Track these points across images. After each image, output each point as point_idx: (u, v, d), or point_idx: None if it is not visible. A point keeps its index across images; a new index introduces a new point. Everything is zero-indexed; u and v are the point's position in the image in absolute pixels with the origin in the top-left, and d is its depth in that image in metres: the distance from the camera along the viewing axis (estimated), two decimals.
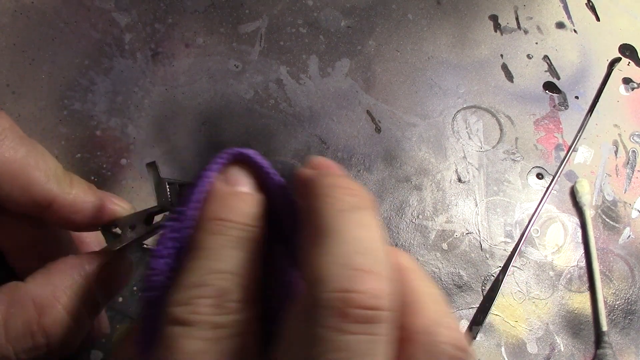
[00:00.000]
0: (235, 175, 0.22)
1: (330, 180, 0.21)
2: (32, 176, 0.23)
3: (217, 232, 0.21)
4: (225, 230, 0.21)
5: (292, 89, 0.54)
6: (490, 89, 0.58)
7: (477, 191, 0.53)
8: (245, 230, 0.21)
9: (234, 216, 0.21)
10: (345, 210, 0.20)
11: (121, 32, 0.53)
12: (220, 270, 0.20)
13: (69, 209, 0.24)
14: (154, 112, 0.51)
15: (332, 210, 0.20)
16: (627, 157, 0.57)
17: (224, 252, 0.20)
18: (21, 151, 0.23)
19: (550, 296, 0.50)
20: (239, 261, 0.20)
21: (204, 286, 0.19)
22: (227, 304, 0.19)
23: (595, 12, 0.63)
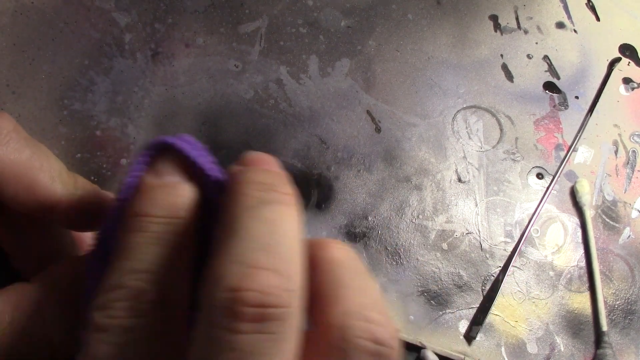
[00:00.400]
0: (162, 166, 0.21)
1: (247, 176, 0.21)
2: (37, 178, 0.23)
3: (135, 229, 0.20)
4: (144, 227, 0.20)
5: (292, 89, 0.54)
6: (490, 89, 0.58)
7: (477, 191, 0.53)
8: (167, 224, 0.20)
9: (154, 210, 0.20)
10: (251, 206, 0.19)
11: (121, 32, 0.53)
12: (135, 270, 0.19)
13: (74, 210, 0.24)
14: (154, 112, 0.51)
15: (239, 208, 0.19)
16: (627, 157, 0.57)
17: (141, 250, 0.19)
18: (26, 153, 0.23)
19: (550, 296, 0.50)
20: (157, 259, 0.19)
21: (119, 288, 0.18)
22: (141, 305, 0.18)
23: (595, 12, 0.63)
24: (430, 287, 0.49)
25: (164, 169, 0.21)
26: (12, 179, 0.23)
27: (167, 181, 0.21)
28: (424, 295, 0.48)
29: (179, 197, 0.21)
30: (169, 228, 0.20)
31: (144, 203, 0.20)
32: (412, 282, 0.49)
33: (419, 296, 0.48)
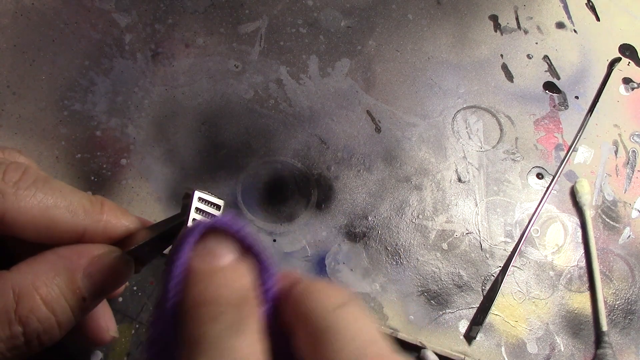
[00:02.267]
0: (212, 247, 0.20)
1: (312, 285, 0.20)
2: (54, 217, 0.23)
3: (210, 319, 0.18)
4: (219, 316, 0.18)
5: (292, 89, 0.54)
6: (490, 89, 0.58)
7: (477, 191, 0.53)
8: (241, 308, 0.19)
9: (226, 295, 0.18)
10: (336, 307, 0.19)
11: (121, 32, 0.53)
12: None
13: (101, 236, 0.24)
14: (154, 112, 0.51)
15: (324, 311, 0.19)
16: (627, 157, 0.57)
17: (225, 343, 0.18)
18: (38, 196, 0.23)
19: (550, 296, 0.50)
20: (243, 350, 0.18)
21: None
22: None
23: (595, 12, 0.63)
24: (430, 287, 0.49)
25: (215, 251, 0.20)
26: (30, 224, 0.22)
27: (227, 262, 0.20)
28: (424, 295, 0.48)
29: (242, 279, 0.19)
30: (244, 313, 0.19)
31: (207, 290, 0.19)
32: (412, 282, 0.49)
33: (419, 296, 0.48)
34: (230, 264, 0.20)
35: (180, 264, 0.19)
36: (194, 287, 0.19)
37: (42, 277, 0.21)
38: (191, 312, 0.19)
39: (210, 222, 0.20)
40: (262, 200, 0.49)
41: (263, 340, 0.19)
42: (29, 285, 0.21)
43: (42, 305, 0.21)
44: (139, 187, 0.48)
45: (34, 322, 0.21)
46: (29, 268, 0.21)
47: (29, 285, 0.21)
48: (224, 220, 0.20)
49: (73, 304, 0.22)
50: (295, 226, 0.49)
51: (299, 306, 0.20)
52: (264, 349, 0.19)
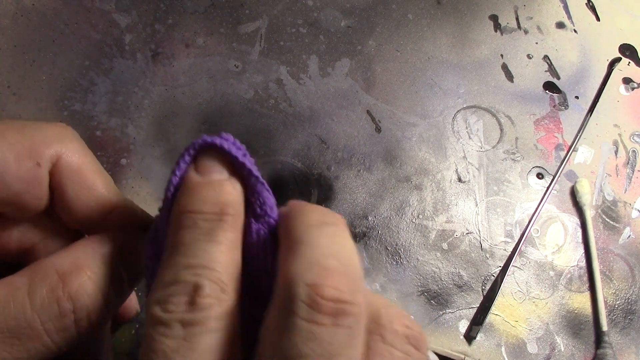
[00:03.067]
0: (206, 163, 0.22)
1: (303, 205, 0.22)
2: (97, 180, 0.24)
3: (188, 225, 0.20)
4: (196, 223, 0.20)
5: (292, 88, 0.54)
6: (491, 88, 0.58)
7: (477, 191, 0.53)
8: (218, 220, 0.21)
9: (204, 207, 0.21)
10: (314, 225, 0.21)
11: (121, 32, 0.53)
12: (191, 265, 0.20)
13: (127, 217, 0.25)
14: (154, 112, 0.51)
15: (303, 225, 0.21)
16: (627, 157, 0.57)
17: (196, 245, 0.20)
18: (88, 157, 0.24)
19: (550, 296, 0.50)
20: (211, 254, 0.20)
21: (177, 283, 0.19)
22: (200, 299, 0.19)
23: (595, 12, 0.63)
24: (430, 287, 0.49)
25: (210, 167, 0.22)
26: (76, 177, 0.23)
27: (214, 178, 0.22)
28: (424, 295, 0.48)
29: (226, 194, 0.21)
30: (220, 224, 0.21)
31: (193, 200, 0.21)
32: (412, 281, 0.49)
33: (419, 296, 0.48)
34: (218, 180, 0.22)
35: (175, 175, 0.22)
36: (182, 197, 0.21)
37: (83, 260, 0.22)
38: (175, 219, 0.21)
39: (209, 139, 0.22)
40: None
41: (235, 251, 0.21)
42: (73, 265, 0.21)
43: (90, 282, 0.21)
44: (139, 187, 0.48)
45: (84, 298, 0.21)
46: (68, 254, 0.22)
47: (73, 265, 0.21)
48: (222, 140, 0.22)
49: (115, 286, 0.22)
50: None
51: (285, 221, 0.22)
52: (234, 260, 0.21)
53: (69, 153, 0.24)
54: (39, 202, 0.24)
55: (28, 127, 0.23)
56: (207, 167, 0.22)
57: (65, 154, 0.23)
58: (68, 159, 0.23)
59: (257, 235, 0.22)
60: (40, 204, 0.24)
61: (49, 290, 0.21)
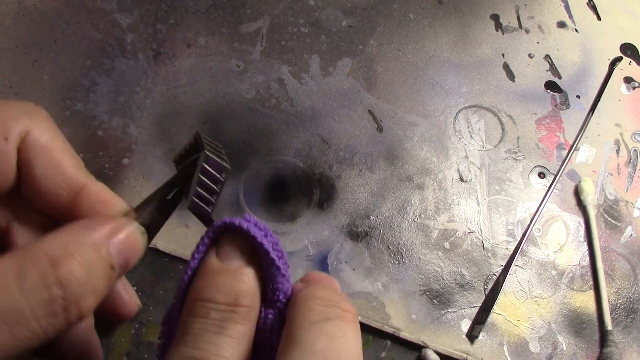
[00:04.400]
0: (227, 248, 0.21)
1: (313, 291, 0.21)
2: (65, 161, 0.24)
3: (199, 314, 0.20)
4: (208, 313, 0.20)
5: (293, 88, 0.54)
6: (492, 88, 0.58)
7: (479, 190, 0.53)
8: (230, 311, 0.20)
9: (219, 296, 0.20)
10: (317, 321, 0.20)
11: (123, 32, 0.53)
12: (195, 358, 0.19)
13: (96, 198, 0.24)
14: (155, 112, 0.51)
15: (304, 321, 0.20)
16: (629, 156, 0.57)
17: (204, 337, 0.19)
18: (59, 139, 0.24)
19: (552, 295, 0.50)
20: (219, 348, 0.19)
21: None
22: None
23: (596, 11, 0.63)
24: (432, 286, 0.49)
25: (230, 252, 0.21)
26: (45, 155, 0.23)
27: (231, 266, 0.21)
28: (426, 295, 0.48)
29: (242, 284, 0.20)
30: (232, 317, 0.20)
31: (208, 287, 0.20)
32: (414, 281, 0.49)
33: (421, 295, 0.48)
34: (236, 268, 0.21)
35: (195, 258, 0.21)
36: (198, 282, 0.20)
37: (73, 245, 0.21)
38: (188, 304, 0.20)
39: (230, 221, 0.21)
40: (264, 200, 0.49)
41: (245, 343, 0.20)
42: (64, 250, 0.21)
43: (80, 268, 0.21)
44: (141, 186, 0.48)
45: (74, 284, 0.20)
46: (56, 238, 0.21)
47: (64, 250, 0.21)
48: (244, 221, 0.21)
49: (105, 272, 0.22)
50: (297, 226, 0.49)
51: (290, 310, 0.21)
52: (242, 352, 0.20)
53: (38, 130, 0.23)
54: (5, 177, 0.23)
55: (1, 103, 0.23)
56: (227, 253, 0.21)
57: (34, 130, 0.23)
58: (37, 136, 0.23)
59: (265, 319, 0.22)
60: (6, 180, 0.23)
61: (39, 275, 0.20)
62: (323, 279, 0.22)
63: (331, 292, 0.21)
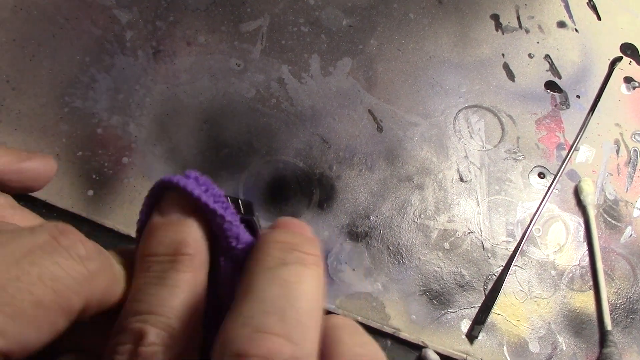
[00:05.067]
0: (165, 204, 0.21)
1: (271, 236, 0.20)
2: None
3: (142, 270, 0.20)
4: (149, 267, 0.20)
5: (293, 88, 0.54)
6: (492, 88, 0.58)
7: (478, 190, 0.53)
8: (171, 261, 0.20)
9: (159, 248, 0.20)
10: (271, 267, 0.19)
11: (122, 29, 0.53)
12: (138, 312, 0.19)
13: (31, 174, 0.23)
14: (155, 110, 0.50)
15: (258, 268, 0.19)
16: (629, 156, 0.57)
17: (145, 290, 0.19)
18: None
19: (552, 295, 0.50)
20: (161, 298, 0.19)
21: (123, 331, 0.18)
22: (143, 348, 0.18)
23: (596, 11, 0.63)
24: (432, 287, 0.49)
25: (168, 208, 0.21)
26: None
27: (171, 219, 0.21)
28: (425, 295, 0.48)
29: (182, 233, 0.20)
30: (173, 266, 0.20)
31: (150, 243, 0.20)
32: (414, 281, 0.48)
33: (421, 295, 0.48)
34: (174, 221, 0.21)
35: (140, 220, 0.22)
36: (141, 241, 0.21)
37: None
38: (135, 264, 0.21)
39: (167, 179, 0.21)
40: (264, 200, 0.49)
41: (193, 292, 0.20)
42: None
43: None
44: (140, 185, 0.47)
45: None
46: None
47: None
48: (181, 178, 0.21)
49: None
50: None
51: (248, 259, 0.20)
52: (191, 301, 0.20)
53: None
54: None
55: None
56: (166, 208, 0.21)
57: None
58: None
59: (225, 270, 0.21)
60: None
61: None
62: (290, 223, 0.21)
63: (292, 235, 0.20)
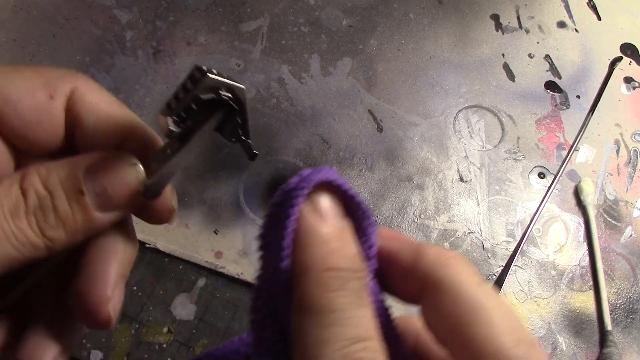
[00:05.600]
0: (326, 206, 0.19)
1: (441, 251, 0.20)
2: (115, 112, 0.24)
3: (335, 287, 0.18)
4: (345, 284, 0.18)
5: (293, 88, 0.54)
6: (492, 88, 0.58)
7: (478, 190, 0.53)
8: (359, 278, 0.18)
9: (342, 262, 0.18)
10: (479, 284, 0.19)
11: (122, 29, 0.53)
12: (362, 338, 0.17)
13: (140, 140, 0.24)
14: (155, 110, 0.50)
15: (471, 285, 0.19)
16: (629, 156, 0.57)
17: (354, 313, 0.17)
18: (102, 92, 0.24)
19: (552, 295, 0.50)
20: (366, 321, 0.18)
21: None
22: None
23: (596, 11, 0.63)
24: None
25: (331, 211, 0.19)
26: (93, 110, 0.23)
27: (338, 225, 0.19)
28: None
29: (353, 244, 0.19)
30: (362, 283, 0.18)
31: (331, 254, 0.18)
32: None
33: None
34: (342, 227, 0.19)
35: (291, 220, 0.18)
36: (313, 250, 0.18)
37: (46, 165, 0.22)
38: (313, 276, 0.18)
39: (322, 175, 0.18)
40: (264, 200, 0.49)
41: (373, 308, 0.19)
42: (33, 169, 0.21)
43: (39, 183, 0.21)
44: None
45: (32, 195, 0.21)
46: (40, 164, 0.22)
47: (33, 169, 0.21)
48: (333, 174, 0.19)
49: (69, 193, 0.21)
50: None
51: (437, 275, 0.19)
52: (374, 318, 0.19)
53: (83, 88, 0.23)
54: (52, 137, 0.23)
55: (43, 67, 0.23)
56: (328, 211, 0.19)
57: (80, 89, 0.23)
58: (83, 93, 0.23)
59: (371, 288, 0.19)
60: (54, 140, 0.23)
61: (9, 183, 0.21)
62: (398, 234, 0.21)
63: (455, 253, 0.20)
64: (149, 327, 0.44)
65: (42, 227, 0.21)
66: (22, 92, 0.22)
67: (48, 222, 0.21)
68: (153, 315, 0.45)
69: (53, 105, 0.23)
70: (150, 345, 0.44)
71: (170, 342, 0.44)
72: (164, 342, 0.44)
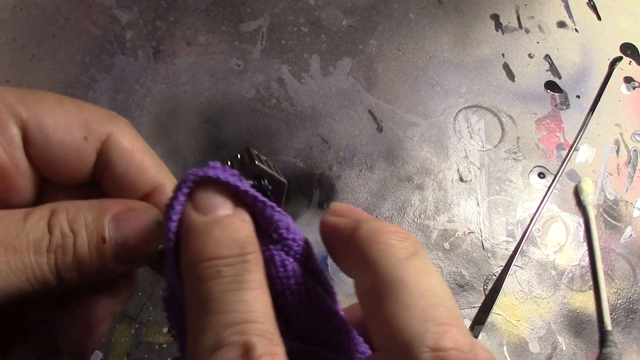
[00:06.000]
0: (204, 200, 0.19)
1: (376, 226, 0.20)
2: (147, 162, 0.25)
3: (211, 276, 0.18)
4: (220, 272, 0.18)
5: (293, 88, 0.54)
6: (492, 88, 0.58)
7: (478, 190, 0.53)
8: (241, 262, 0.18)
9: (223, 250, 0.18)
10: (403, 258, 0.19)
11: (122, 29, 0.53)
12: (232, 323, 0.17)
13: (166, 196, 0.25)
14: (155, 110, 0.50)
15: (392, 260, 0.19)
16: (629, 156, 0.57)
17: (229, 298, 0.18)
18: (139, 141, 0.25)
19: (552, 295, 0.50)
20: (249, 304, 0.18)
21: (222, 347, 0.17)
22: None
23: (596, 11, 0.63)
24: None
25: (211, 203, 0.19)
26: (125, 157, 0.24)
27: (220, 214, 0.19)
28: None
29: (240, 230, 0.19)
30: (245, 267, 0.18)
31: (207, 245, 0.19)
32: None
33: None
34: (224, 217, 0.19)
35: (172, 220, 0.19)
36: (193, 243, 0.19)
37: (75, 205, 0.22)
38: (192, 270, 0.19)
39: (201, 173, 0.19)
40: None
41: (266, 292, 0.19)
42: (62, 206, 0.22)
43: (66, 221, 0.21)
44: None
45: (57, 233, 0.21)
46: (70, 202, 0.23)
47: (62, 206, 0.22)
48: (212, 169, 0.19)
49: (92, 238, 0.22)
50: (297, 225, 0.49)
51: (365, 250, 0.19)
52: (268, 301, 0.19)
53: (120, 133, 0.24)
54: (78, 174, 0.24)
55: (86, 105, 0.24)
56: (207, 205, 0.19)
57: (116, 134, 0.24)
58: (119, 139, 0.24)
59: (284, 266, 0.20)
60: (79, 177, 0.24)
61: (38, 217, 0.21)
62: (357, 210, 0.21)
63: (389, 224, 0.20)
64: (149, 327, 0.44)
65: (59, 266, 0.21)
66: (59, 126, 0.23)
67: (65, 262, 0.21)
68: (153, 315, 0.45)
69: (85, 146, 0.23)
70: (150, 345, 0.44)
71: (170, 342, 0.44)
72: (164, 342, 0.44)
